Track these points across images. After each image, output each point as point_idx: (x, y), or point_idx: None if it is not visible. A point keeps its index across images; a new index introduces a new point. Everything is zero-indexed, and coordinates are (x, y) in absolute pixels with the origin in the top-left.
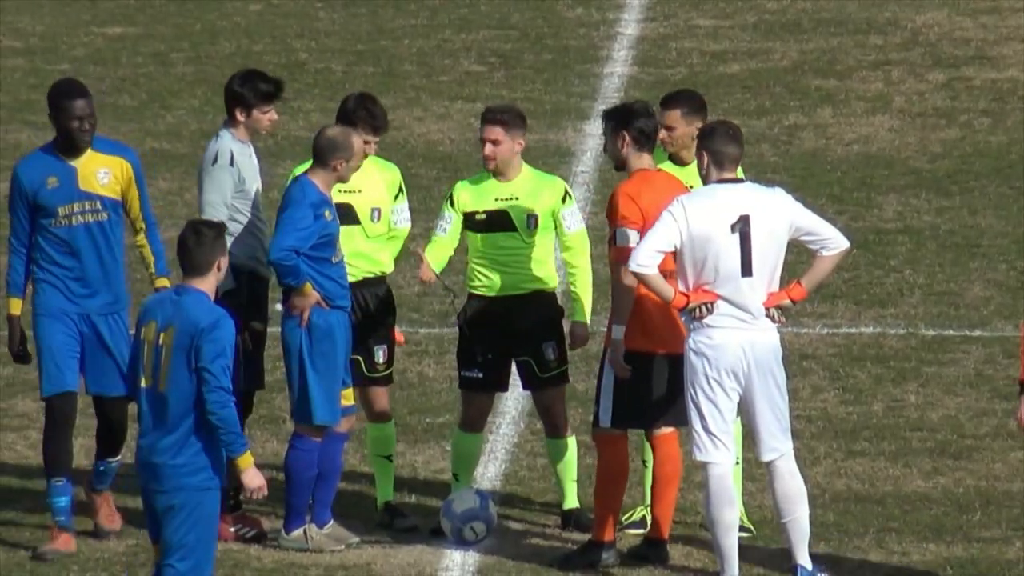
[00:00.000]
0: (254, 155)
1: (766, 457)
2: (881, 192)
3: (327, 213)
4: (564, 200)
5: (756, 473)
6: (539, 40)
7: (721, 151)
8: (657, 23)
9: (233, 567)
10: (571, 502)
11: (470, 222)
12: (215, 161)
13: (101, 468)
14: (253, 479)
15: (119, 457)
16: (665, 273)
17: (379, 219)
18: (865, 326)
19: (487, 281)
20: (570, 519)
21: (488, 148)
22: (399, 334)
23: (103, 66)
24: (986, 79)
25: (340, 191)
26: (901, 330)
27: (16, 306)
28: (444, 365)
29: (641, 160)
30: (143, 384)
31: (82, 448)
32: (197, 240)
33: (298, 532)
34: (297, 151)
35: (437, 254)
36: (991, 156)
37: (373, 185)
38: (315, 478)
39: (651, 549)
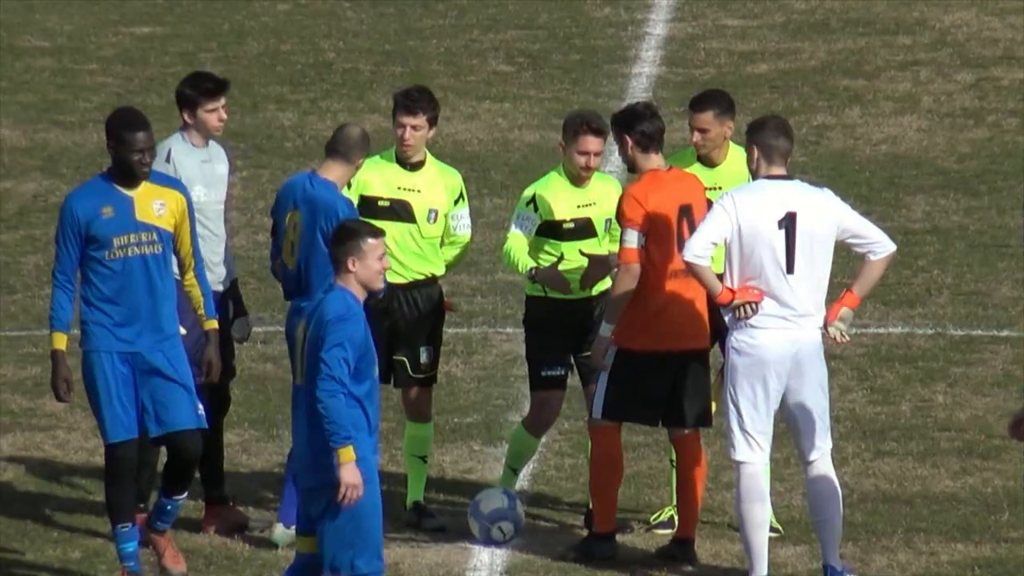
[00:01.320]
0: (214, 162)
1: (811, 456)
2: (909, 192)
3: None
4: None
5: (784, 473)
6: (567, 40)
7: (771, 144)
8: (685, 23)
9: (261, 567)
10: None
11: (555, 229)
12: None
13: (168, 507)
14: (349, 475)
15: (185, 495)
16: (677, 271)
17: (435, 221)
18: (893, 326)
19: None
20: None
21: (591, 160)
22: (448, 301)
23: (131, 66)
24: (1014, 79)
25: (400, 188)
26: (929, 330)
27: (61, 341)
28: (472, 366)
29: (649, 161)
30: (297, 382)
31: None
32: (334, 239)
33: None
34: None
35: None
36: (1019, 156)
37: (433, 187)
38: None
39: (679, 548)
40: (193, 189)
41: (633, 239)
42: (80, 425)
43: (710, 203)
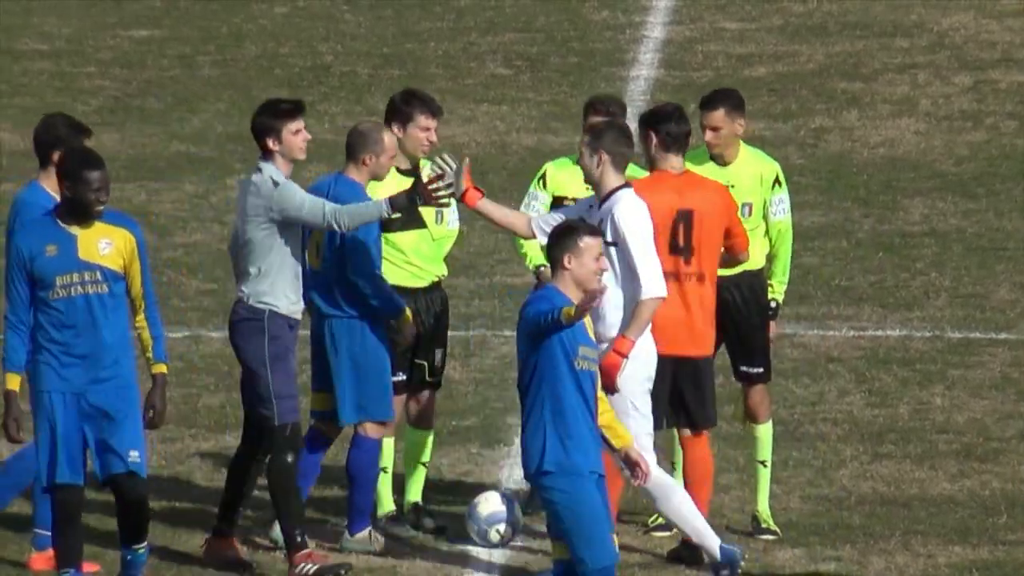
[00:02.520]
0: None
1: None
2: (907, 195)
3: None
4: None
5: (781, 476)
6: (565, 43)
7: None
8: (683, 26)
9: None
10: None
11: (560, 205)
12: (276, 184)
13: (128, 557)
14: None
15: (144, 544)
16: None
17: (442, 221)
18: (891, 329)
19: None
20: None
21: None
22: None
23: (129, 69)
24: (1012, 82)
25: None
26: (927, 333)
27: (14, 382)
28: (469, 368)
29: (667, 161)
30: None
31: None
32: (552, 237)
33: (363, 534)
34: (323, 154)
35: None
36: (1017, 159)
37: None
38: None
39: (687, 551)
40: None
41: None
42: None
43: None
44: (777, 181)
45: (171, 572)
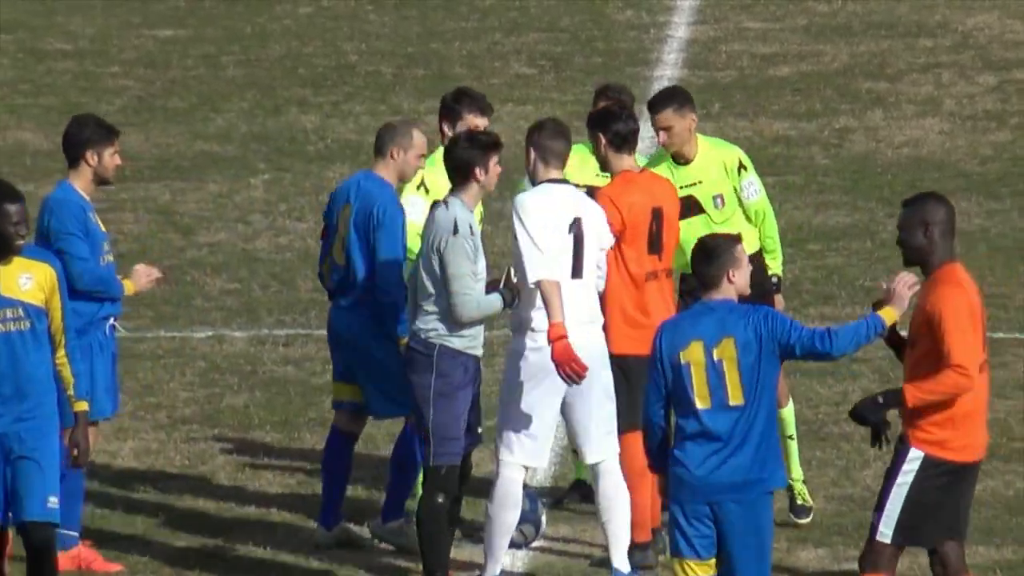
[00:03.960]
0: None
1: (594, 459)
2: None
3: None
4: None
5: (805, 476)
6: (589, 43)
7: (548, 146)
8: (707, 26)
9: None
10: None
11: None
12: (456, 232)
13: None
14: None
15: None
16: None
17: None
18: None
19: None
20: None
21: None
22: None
23: (153, 68)
24: None
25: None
26: None
27: None
28: (493, 368)
29: (621, 162)
30: (699, 406)
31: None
32: (706, 255)
33: (395, 524)
34: (347, 154)
35: None
36: None
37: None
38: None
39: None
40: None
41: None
42: (101, 428)
43: (683, 201)
44: (742, 166)
45: (194, 573)
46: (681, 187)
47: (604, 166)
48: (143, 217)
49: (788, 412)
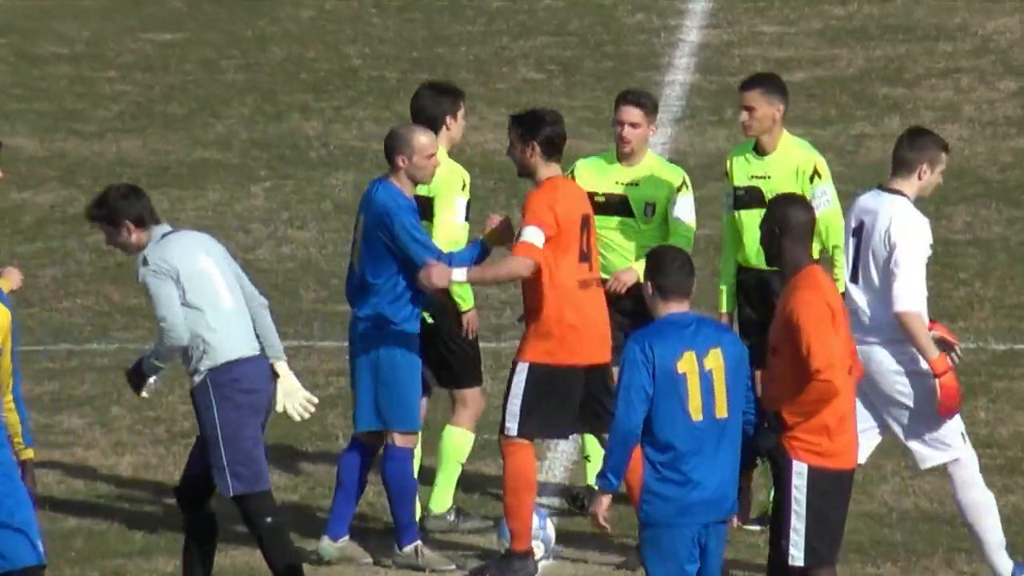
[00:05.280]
0: None
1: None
2: (950, 203)
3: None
4: (680, 189)
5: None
6: (598, 47)
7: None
8: (720, 29)
9: None
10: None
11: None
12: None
13: None
14: None
15: None
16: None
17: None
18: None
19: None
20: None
21: (626, 130)
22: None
23: (151, 73)
24: None
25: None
26: (971, 344)
27: None
28: (499, 380)
29: (550, 169)
30: (693, 419)
31: None
32: (687, 267)
33: (410, 548)
34: (350, 161)
35: None
36: None
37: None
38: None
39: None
40: None
41: (537, 237)
42: (99, 442)
43: (747, 191)
44: (816, 173)
45: None
46: (750, 176)
47: (526, 171)
48: None
49: None
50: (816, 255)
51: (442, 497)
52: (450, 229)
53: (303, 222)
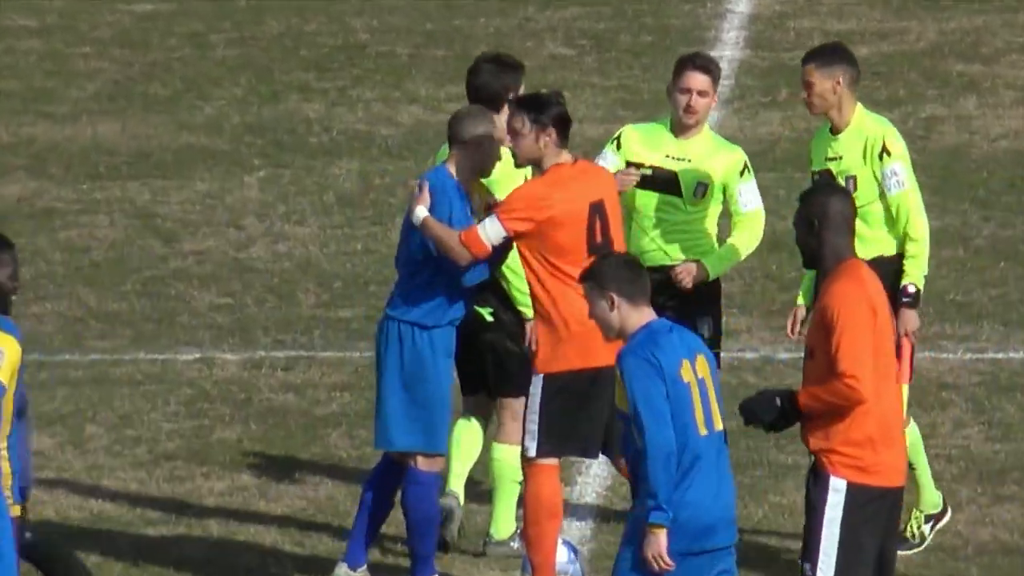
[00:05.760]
0: None
1: None
2: None
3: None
4: (743, 175)
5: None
6: (636, 19)
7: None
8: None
9: None
10: None
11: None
12: None
13: None
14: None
15: None
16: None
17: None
18: (1015, 351)
19: (650, 247)
20: None
21: (693, 99)
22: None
23: (130, 49)
24: None
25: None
26: None
27: None
28: None
29: (560, 155)
30: (701, 433)
31: None
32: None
33: None
34: (355, 147)
35: None
36: None
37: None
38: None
39: None
40: None
41: (495, 232)
42: (72, 465)
43: (821, 175)
44: (885, 150)
45: None
46: (825, 159)
47: (532, 159)
48: (119, 220)
49: (912, 432)
50: (889, 249)
51: (504, 522)
52: None
53: (302, 216)
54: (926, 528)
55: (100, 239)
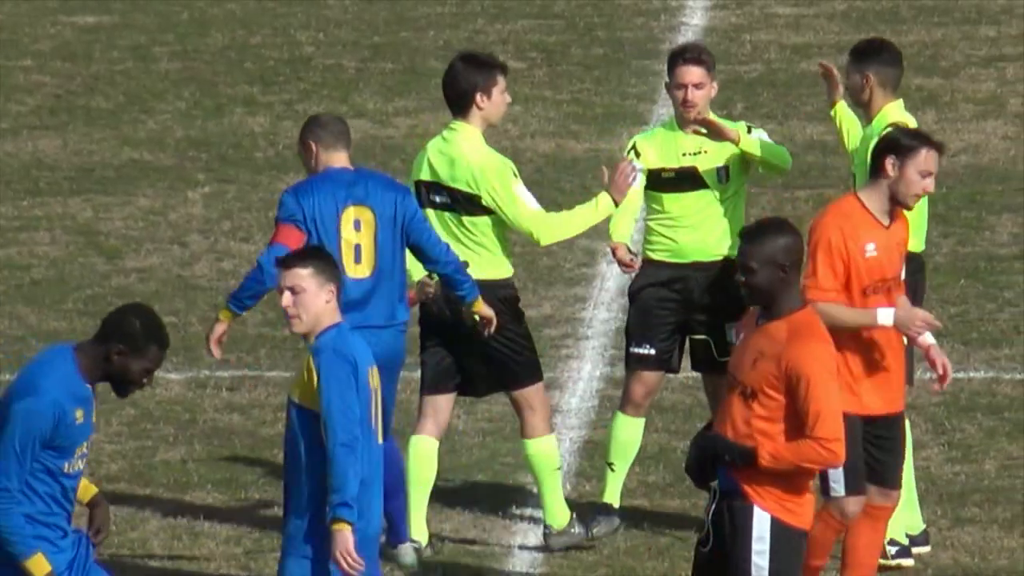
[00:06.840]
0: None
1: None
2: (994, 211)
3: None
4: (749, 130)
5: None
6: (588, 31)
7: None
8: (728, 11)
9: None
10: None
11: (655, 180)
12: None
13: None
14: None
15: None
16: None
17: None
18: (975, 370)
19: (669, 244)
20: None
21: (690, 92)
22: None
23: (72, 62)
24: None
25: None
26: (1018, 374)
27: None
28: (475, 416)
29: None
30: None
31: None
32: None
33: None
34: (302, 163)
35: (623, 220)
36: None
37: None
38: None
39: None
40: None
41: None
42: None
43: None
44: None
45: None
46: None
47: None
48: (60, 237)
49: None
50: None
51: (557, 512)
52: (537, 220)
53: (247, 233)
54: (891, 550)
55: (40, 257)
